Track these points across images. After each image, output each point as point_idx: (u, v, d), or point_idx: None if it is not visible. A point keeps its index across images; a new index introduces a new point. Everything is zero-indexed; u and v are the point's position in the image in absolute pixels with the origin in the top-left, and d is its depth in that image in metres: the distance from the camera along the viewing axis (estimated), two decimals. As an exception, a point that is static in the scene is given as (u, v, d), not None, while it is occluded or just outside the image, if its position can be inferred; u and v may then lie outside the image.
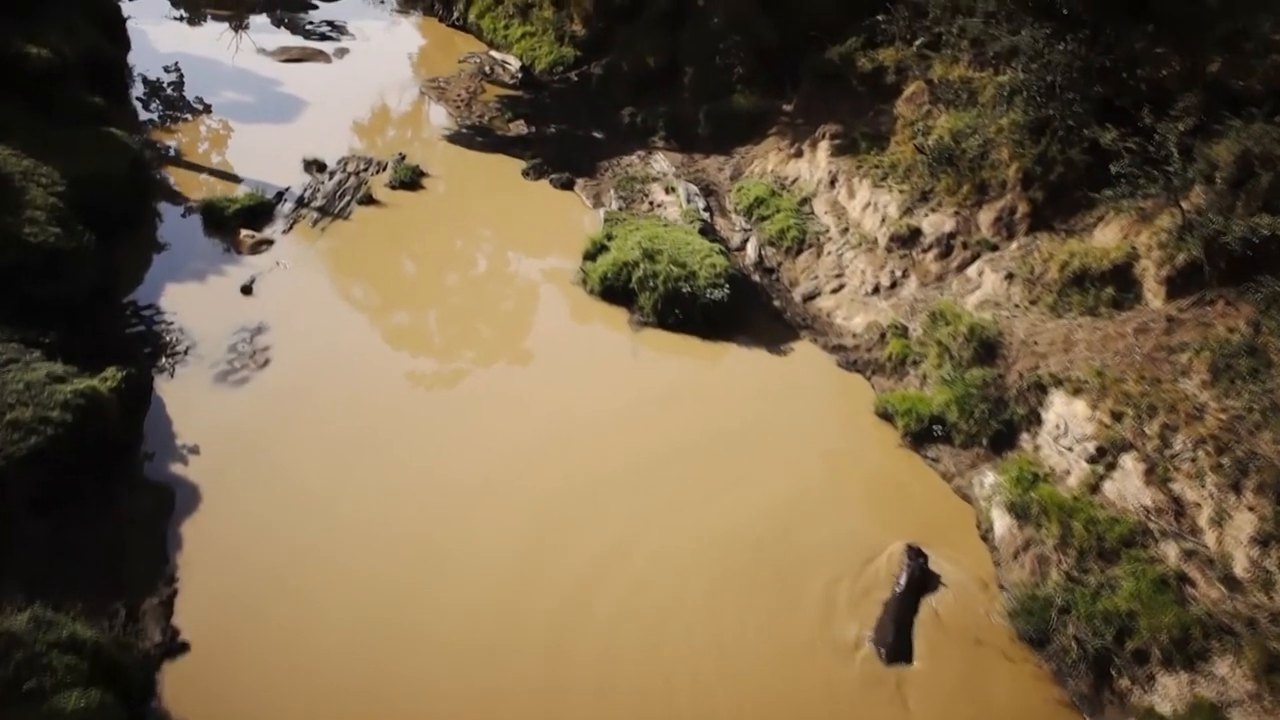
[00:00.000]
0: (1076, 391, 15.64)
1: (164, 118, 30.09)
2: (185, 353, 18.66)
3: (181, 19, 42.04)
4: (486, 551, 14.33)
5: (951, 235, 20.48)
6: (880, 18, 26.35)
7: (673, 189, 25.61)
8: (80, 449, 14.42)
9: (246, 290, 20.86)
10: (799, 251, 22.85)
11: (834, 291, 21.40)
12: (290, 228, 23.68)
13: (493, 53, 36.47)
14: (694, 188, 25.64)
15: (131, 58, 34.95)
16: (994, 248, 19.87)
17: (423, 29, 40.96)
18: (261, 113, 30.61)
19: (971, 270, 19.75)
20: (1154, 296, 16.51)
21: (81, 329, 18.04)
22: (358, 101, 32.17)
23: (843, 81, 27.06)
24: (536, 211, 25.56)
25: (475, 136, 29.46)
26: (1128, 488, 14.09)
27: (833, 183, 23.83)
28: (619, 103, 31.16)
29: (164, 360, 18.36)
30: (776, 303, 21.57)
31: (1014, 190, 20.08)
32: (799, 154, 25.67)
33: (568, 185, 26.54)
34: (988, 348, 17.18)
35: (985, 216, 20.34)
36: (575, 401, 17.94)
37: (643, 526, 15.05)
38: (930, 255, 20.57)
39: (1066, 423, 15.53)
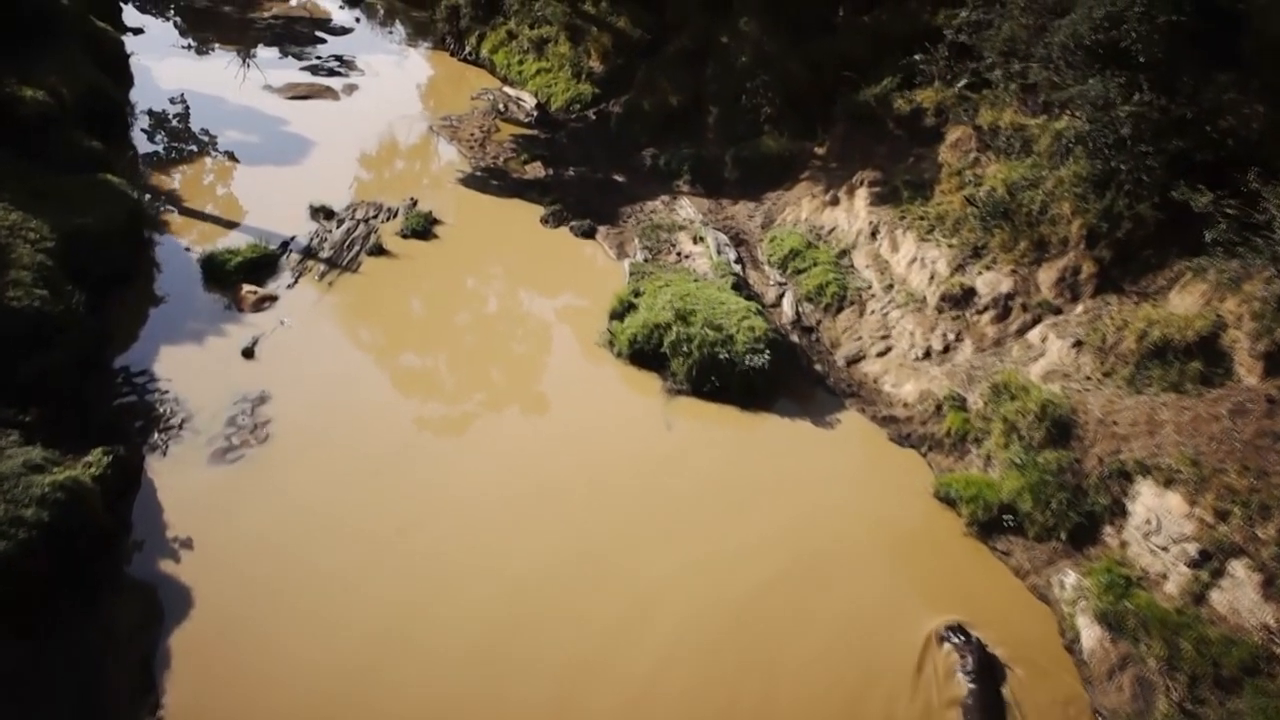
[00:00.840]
0: (1168, 482, 14.02)
1: (166, 159, 28.75)
2: (180, 426, 17.11)
3: (189, 48, 41.05)
4: (529, 652, 12.70)
5: (1009, 296, 18.94)
6: (918, 57, 25.09)
7: (701, 238, 24.14)
8: (57, 551, 12.83)
9: (248, 354, 19.35)
10: (840, 309, 21.31)
11: (880, 355, 19.82)
12: (295, 282, 22.21)
13: (506, 89, 35.22)
14: (723, 237, 24.17)
15: (134, 94, 33.86)
16: (1057, 310, 18.32)
17: (433, 63, 39.78)
18: (267, 153, 29.28)
19: (1033, 335, 18.18)
20: (1248, 372, 14.91)
21: (67, 403, 16.52)
22: (367, 141, 30.88)
23: (878, 124, 25.69)
24: (557, 263, 24.09)
25: (490, 179, 28.07)
26: (1242, 601, 12.43)
27: (874, 234, 22.33)
28: (640, 143, 29.81)
29: (156, 436, 16.81)
30: (818, 366, 20.00)
31: (1077, 248, 18.56)
32: (835, 202, 24.21)
33: (589, 234, 25.09)
34: (1061, 427, 15.56)
35: (1046, 276, 18.80)
36: (607, 475, 16.39)
37: (668, 602, 13.47)
38: (986, 317, 19.01)
39: (1159, 518, 13.89)
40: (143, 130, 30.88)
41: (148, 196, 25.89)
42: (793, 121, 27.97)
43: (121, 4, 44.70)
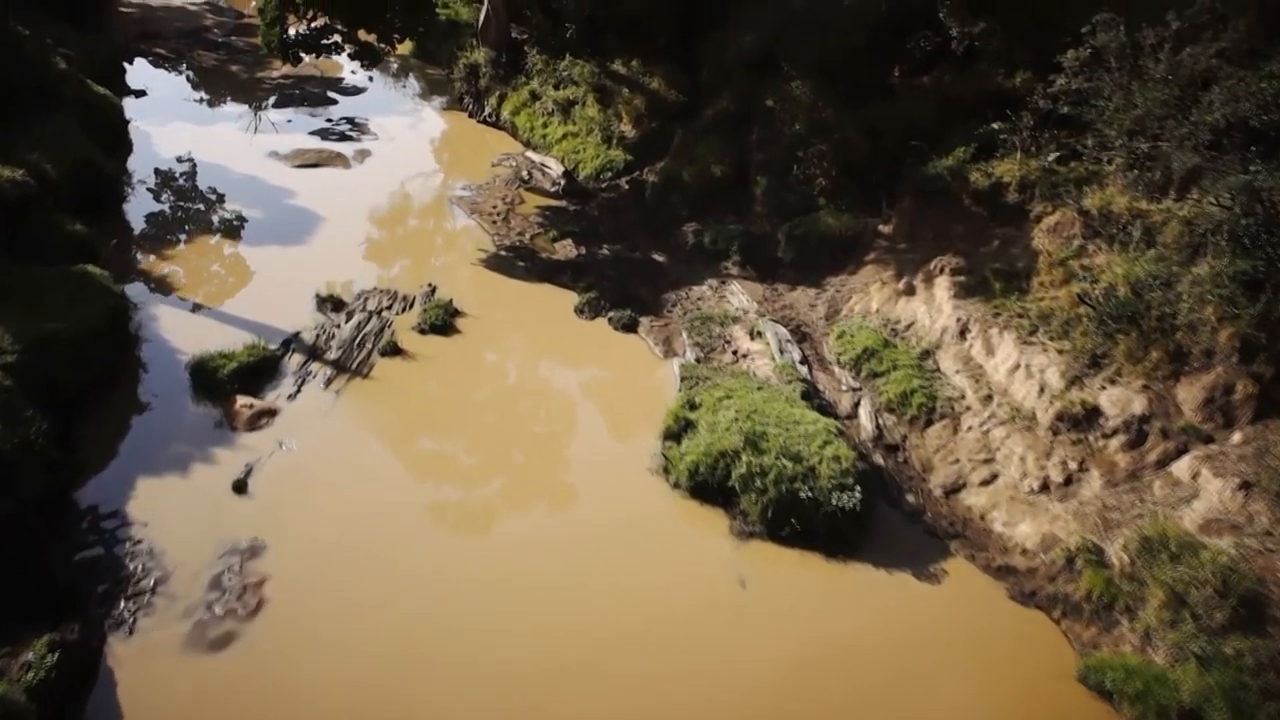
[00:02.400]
0: None
1: (161, 239, 26.15)
2: (153, 590, 14.14)
3: (201, 101, 38.88)
4: None
5: (1143, 419, 15.90)
6: (996, 125, 22.36)
7: (759, 333, 21.24)
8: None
9: (240, 487, 16.43)
10: (929, 423, 18.29)
11: (984, 484, 16.74)
12: (298, 391, 19.36)
13: (530, 154, 32.68)
14: (784, 331, 21.25)
15: (134, 163, 31.48)
16: (1207, 439, 15.26)
17: (450, 126, 37.37)
18: (271, 231, 26.66)
19: (1179, 469, 15.11)
20: None
21: (18, 564, 13.55)
22: (380, 217, 28.29)
23: (951, 199, 22.92)
24: (597, 364, 21.23)
25: (516, 260, 25.31)
26: None
27: (963, 333, 19.37)
28: (680, 217, 27.07)
29: (123, 605, 13.82)
30: (910, 496, 16.93)
31: (1227, 361, 15.57)
32: (910, 291, 21.30)
33: (630, 326, 22.22)
34: (1252, 606, 12.42)
35: (1188, 394, 15.77)
36: (668, 650, 13.35)
37: None
38: (1115, 443, 15.96)
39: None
40: (139, 204, 28.32)
41: (138, 284, 23.23)
42: (851, 194, 25.19)
43: (126, 64, 42.84)
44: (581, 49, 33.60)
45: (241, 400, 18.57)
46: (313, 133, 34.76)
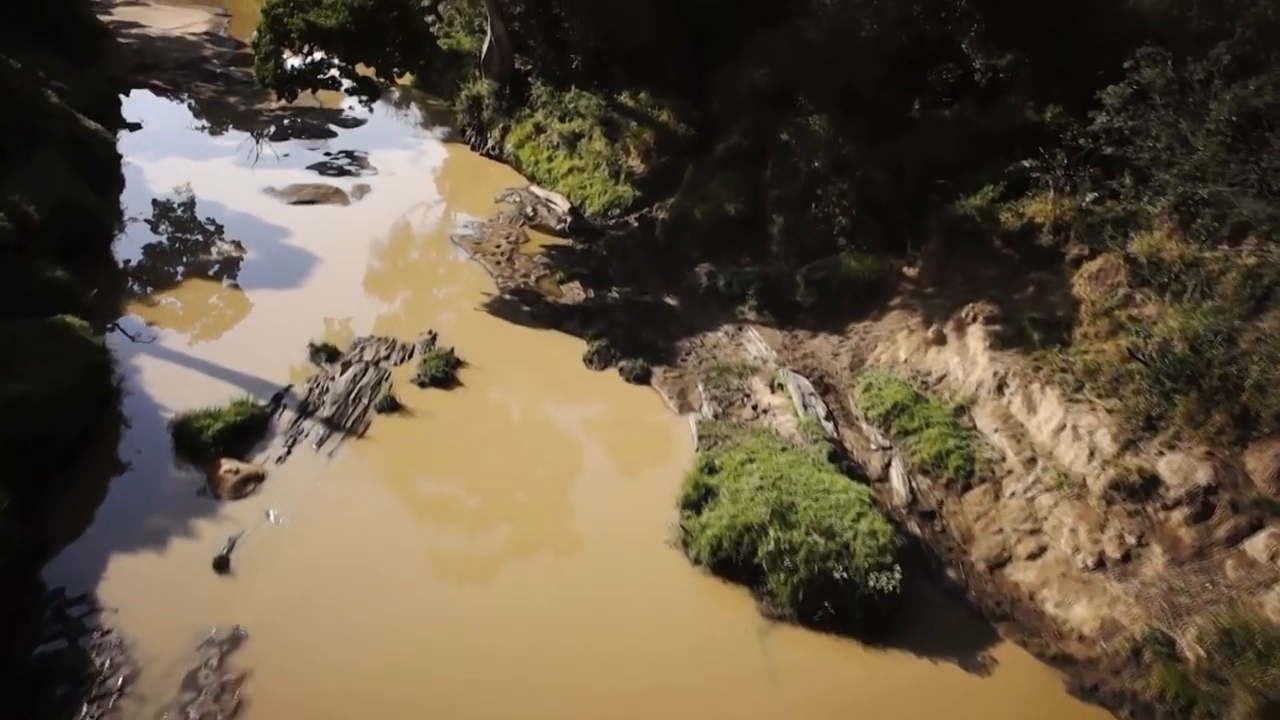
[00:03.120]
0: None
1: (149, 282, 24.92)
2: (120, 692, 12.74)
3: (199, 131, 37.86)
4: None
5: (1209, 489, 14.53)
6: (1028, 163, 21.17)
7: (780, 385, 19.93)
8: None
9: (221, 565, 15.09)
10: (967, 487, 16.92)
11: (1032, 558, 15.35)
12: (288, 452, 18.05)
13: (535, 189, 31.54)
14: (806, 384, 19.94)
15: (125, 198, 30.41)
16: (1282, 513, 13.86)
17: (452, 159, 36.31)
18: (265, 273, 25.46)
19: (1254, 547, 13.73)
20: None
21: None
22: (378, 257, 27.10)
23: (981, 241, 21.70)
24: (608, 421, 19.92)
25: (521, 305, 24.06)
26: None
27: (1000, 388, 18.05)
28: (692, 257, 25.85)
29: (85, 712, 12.40)
30: (951, 571, 15.53)
31: (1301, 428, 14.19)
32: (940, 340, 20.00)
33: (643, 378, 20.92)
34: (1353, 719, 10.97)
35: (1259, 463, 14.42)
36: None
37: None
38: (1178, 516, 14.58)
39: None
40: (129, 245, 27.16)
41: (123, 331, 22.00)
42: (873, 234, 23.97)
43: (123, 96, 41.96)
44: (587, 81, 32.54)
45: (226, 465, 17.25)
46: (310, 167, 33.67)
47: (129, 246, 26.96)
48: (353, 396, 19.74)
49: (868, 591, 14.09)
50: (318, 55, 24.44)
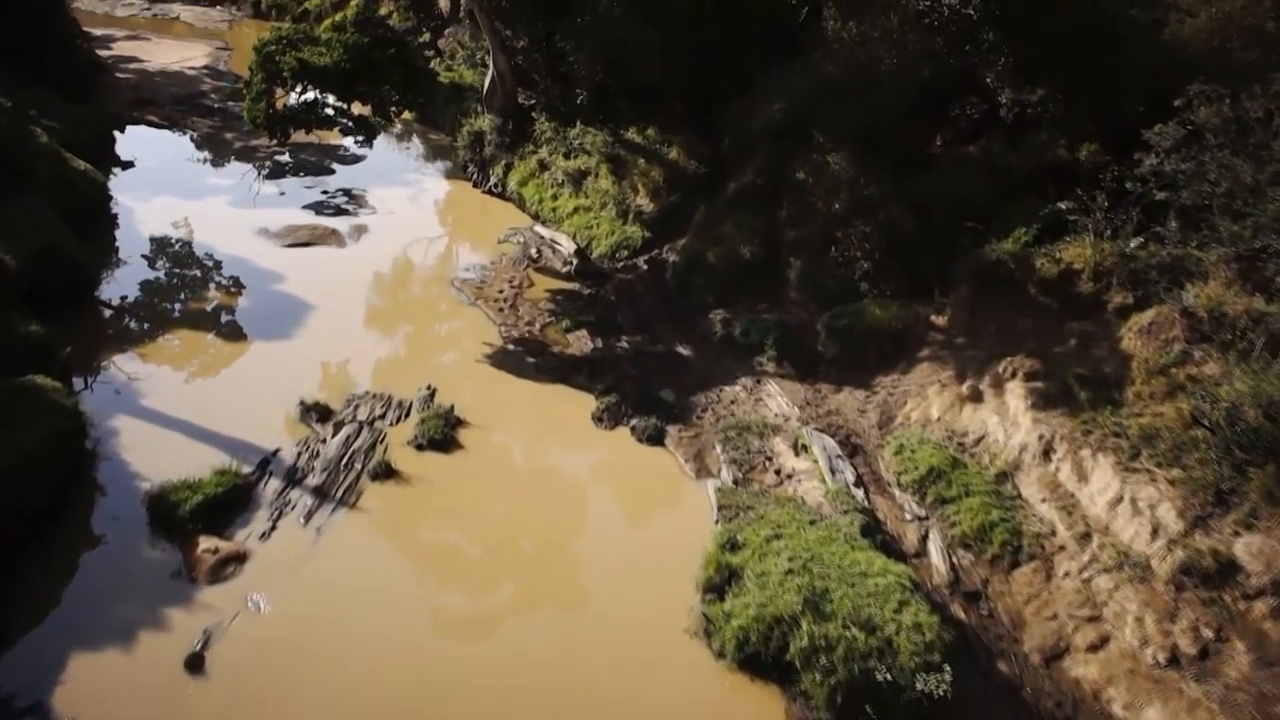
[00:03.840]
0: None
1: (134, 332, 23.59)
2: (74, 825, 11.20)
3: (192, 170, 36.77)
4: None
5: (1295, 577, 13.00)
6: (1063, 204, 19.88)
7: (804, 446, 18.51)
8: None
9: (195, 664, 13.64)
10: (1014, 564, 15.44)
11: (1093, 649, 13.84)
12: (273, 527, 16.62)
13: (539, 229, 30.31)
14: (833, 445, 18.51)
15: (115, 238, 29.26)
16: (1381, 607, 12.35)
17: (453, 197, 35.16)
18: (255, 322, 24.18)
19: (1350, 647, 12.17)
20: None
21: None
22: (375, 303, 25.81)
23: (1015, 288, 20.36)
24: (619, 488, 18.49)
25: (525, 356, 22.70)
26: None
27: (1046, 453, 16.61)
28: (706, 303, 24.53)
29: None
30: (1003, 664, 14.00)
31: (1396, 509, 12.71)
32: (976, 397, 18.59)
33: (656, 438, 19.51)
34: None
35: (1349, 549, 12.89)
36: None
37: None
38: (1262, 607, 13.10)
39: None
40: (114, 291, 25.90)
41: (102, 388, 20.68)
42: (897, 279, 22.67)
43: (118, 133, 40.97)
44: (593, 116, 31.51)
45: (205, 543, 15.82)
46: (306, 206, 32.50)
47: (115, 293, 25.67)
48: (345, 461, 18.34)
49: (914, 696, 12.56)
50: (311, 94, 23.25)
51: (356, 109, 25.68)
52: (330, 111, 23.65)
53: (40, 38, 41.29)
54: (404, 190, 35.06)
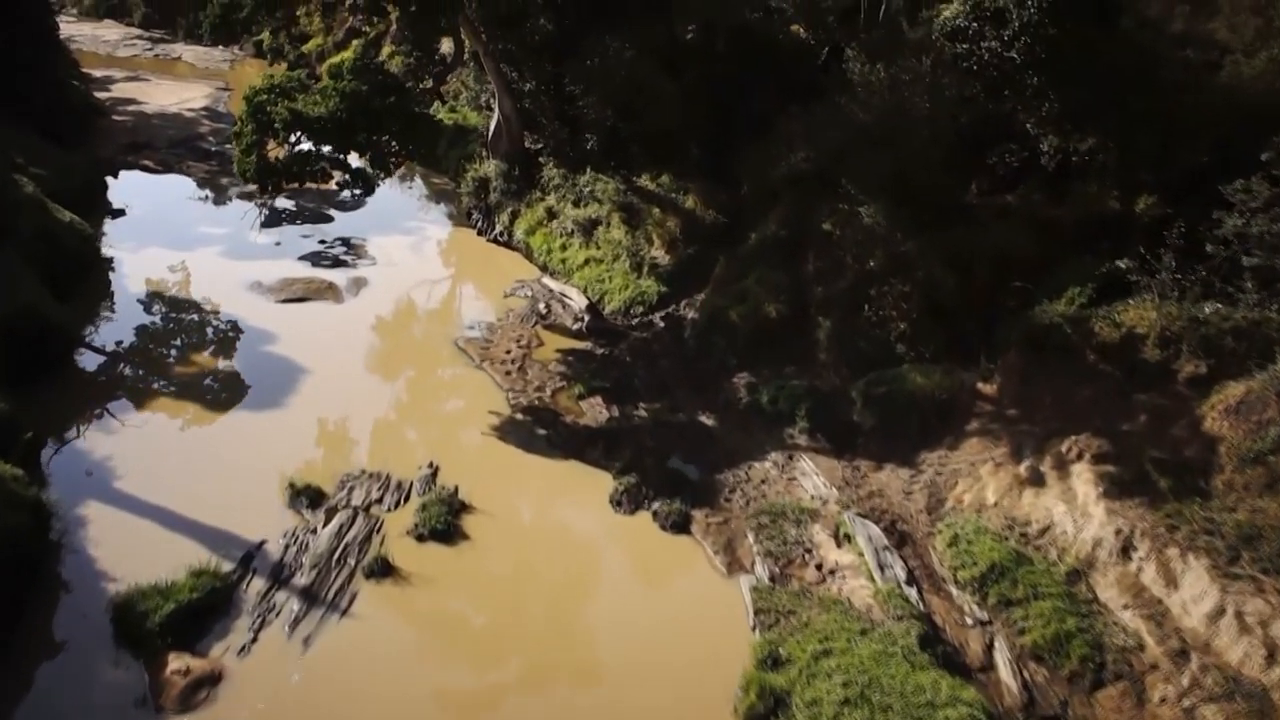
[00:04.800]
0: None
1: (109, 402, 21.83)
2: None
3: (205, 199, 35.68)
4: None
5: None
6: (1123, 263, 18.19)
7: (847, 535, 16.67)
8: None
9: (155, 820, 11.64)
10: (1097, 684, 13.53)
11: (1202, 795, 11.82)
12: (254, 638, 14.77)
13: (548, 281, 28.68)
14: (877, 533, 16.67)
15: (100, 294, 27.72)
16: None
17: (457, 246, 33.61)
18: (242, 390, 22.53)
19: None
20: None
21: None
22: (372, 366, 24.07)
23: (1071, 355, 18.61)
24: (642, 587, 16.64)
25: (535, 427, 20.93)
26: None
27: (1126, 550, 14.72)
28: (729, 366, 22.82)
29: None
30: (1096, 812, 12.00)
31: None
32: (1037, 479, 16.75)
33: (682, 525, 17.67)
34: None
35: None
36: None
37: None
38: (1405, 753, 11.08)
39: None
40: (97, 352, 24.24)
41: (73, 469, 18.93)
42: (937, 341, 20.95)
43: (111, 178, 39.62)
44: (604, 162, 30.05)
45: (175, 663, 13.96)
46: (303, 257, 30.92)
47: (93, 356, 23.99)
48: (337, 556, 16.50)
49: None
50: (306, 145, 21.68)
51: (354, 159, 24.12)
52: (325, 164, 22.04)
53: (31, 82, 40.04)
54: (405, 238, 33.50)
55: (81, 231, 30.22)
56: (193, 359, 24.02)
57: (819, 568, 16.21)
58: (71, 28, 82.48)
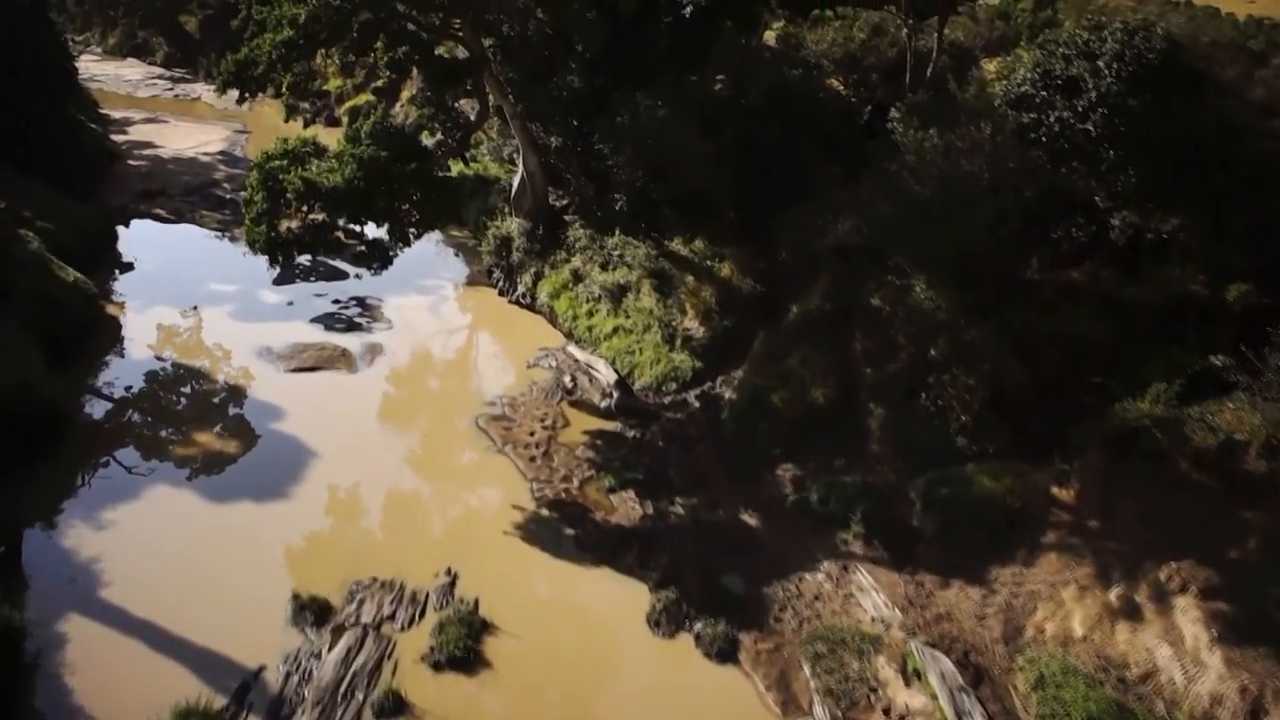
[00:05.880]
0: None
1: (99, 494, 20.20)
2: None
3: (216, 252, 35.31)
4: None
5: None
6: (1218, 359, 16.40)
7: (917, 672, 14.74)
8: None
9: None
10: None
11: None
12: (246, 797, 12.88)
13: (573, 350, 27.03)
14: (951, 670, 14.77)
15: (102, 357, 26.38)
16: None
17: (478, 307, 32.06)
18: (245, 478, 20.89)
19: None
20: None
21: None
22: (384, 449, 22.38)
23: (1160, 461, 16.73)
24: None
25: (562, 527, 19.18)
26: None
27: (1255, 715, 12.70)
28: (771, 456, 21.07)
29: None
30: None
31: None
32: (1130, 611, 14.88)
33: (728, 652, 15.82)
34: None
35: None
36: None
37: None
38: None
39: None
40: (92, 421, 22.73)
41: (53, 577, 17.25)
42: (1002, 435, 19.09)
43: (123, 227, 38.53)
44: (633, 224, 28.53)
45: (155, 833, 12.11)
46: (315, 319, 29.44)
47: (99, 402, 22.47)
48: (344, 688, 14.74)
49: None
50: (318, 216, 20.23)
51: (370, 228, 22.66)
52: (340, 234, 20.58)
53: (43, 129, 39.11)
54: (423, 298, 32.00)
55: (85, 291, 28.89)
56: (194, 438, 22.43)
57: (886, 712, 14.31)
58: (95, 66, 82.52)
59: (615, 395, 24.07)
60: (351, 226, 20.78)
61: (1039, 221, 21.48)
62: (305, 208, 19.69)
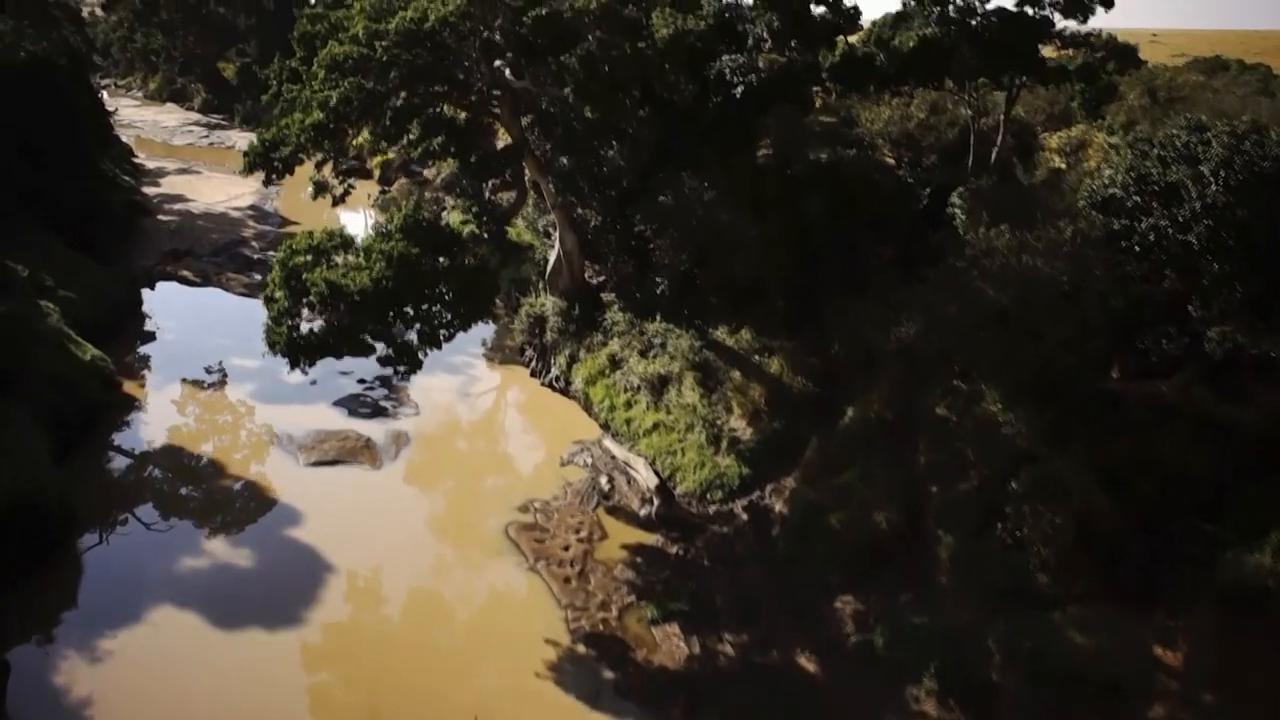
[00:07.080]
0: None
1: (97, 620, 18.55)
2: None
3: (240, 321, 33.03)
4: None
5: None
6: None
7: None
8: None
9: None
10: None
11: None
12: None
13: (610, 445, 25.34)
14: None
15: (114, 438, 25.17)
16: None
17: (509, 390, 30.58)
18: (254, 600, 19.30)
19: None
20: None
21: None
22: (407, 563, 20.73)
23: (1284, 623, 14.56)
24: None
25: (600, 668, 17.38)
26: None
27: None
28: (828, 583, 19.17)
29: None
30: None
31: None
32: (1267, 820, 12.61)
33: None
34: None
35: None
36: None
37: None
38: None
39: None
40: (95, 533, 21.33)
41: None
42: (1089, 573, 17.06)
43: (149, 289, 37.67)
44: (675, 309, 26.96)
45: None
46: (338, 402, 28.06)
47: (93, 549, 20.99)
48: None
49: None
50: (345, 319, 18.81)
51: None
52: (367, 336, 19.17)
53: (74, 188, 38.50)
54: (452, 379, 30.52)
55: (102, 371, 27.74)
56: (204, 547, 20.88)
57: None
58: (134, 112, 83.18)
59: (656, 503, 22.32)
60: (378, 327, 19.33)
61: (1124, 328, 19.66)
62: (331, 310, 18.29)
